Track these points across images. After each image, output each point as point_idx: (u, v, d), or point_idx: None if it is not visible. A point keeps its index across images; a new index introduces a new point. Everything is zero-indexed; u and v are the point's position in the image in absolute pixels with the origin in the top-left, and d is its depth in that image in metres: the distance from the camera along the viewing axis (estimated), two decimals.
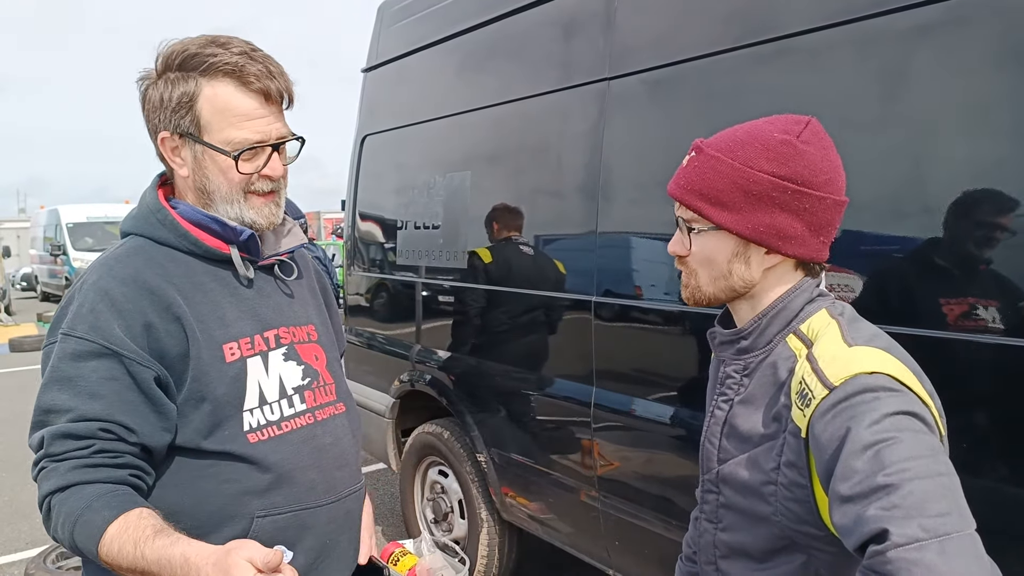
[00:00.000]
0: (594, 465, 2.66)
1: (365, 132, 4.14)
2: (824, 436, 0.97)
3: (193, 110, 1.26)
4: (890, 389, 0.96)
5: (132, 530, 1.15)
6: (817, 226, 1.11)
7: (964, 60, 1.70)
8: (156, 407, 1.23)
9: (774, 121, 1.14)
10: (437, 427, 3.58)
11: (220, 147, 1.27)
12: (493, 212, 3.14)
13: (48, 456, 1.19)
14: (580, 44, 2.74)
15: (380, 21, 4.10)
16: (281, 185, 1.36)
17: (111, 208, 19.61)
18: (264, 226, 1.35)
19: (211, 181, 1.30)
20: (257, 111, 1.27)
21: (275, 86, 1.28)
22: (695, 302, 1.20)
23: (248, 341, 1.32)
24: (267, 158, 1.30)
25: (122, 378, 1.21)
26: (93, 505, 1.16)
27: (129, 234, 1.35)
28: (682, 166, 1.17)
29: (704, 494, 1.25)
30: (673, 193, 1.18)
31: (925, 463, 0.89)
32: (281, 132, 1.31)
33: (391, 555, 3.38)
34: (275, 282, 1.42)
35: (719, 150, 1.12)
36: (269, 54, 1.31)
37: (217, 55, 1.24)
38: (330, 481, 1.38)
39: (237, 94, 1.26)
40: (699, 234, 1.15)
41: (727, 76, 2.20)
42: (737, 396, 1.18)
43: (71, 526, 1.16)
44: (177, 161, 1.31)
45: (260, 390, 1.32)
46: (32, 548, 4.24)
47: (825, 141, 1.13)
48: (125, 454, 1.21)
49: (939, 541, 0.82)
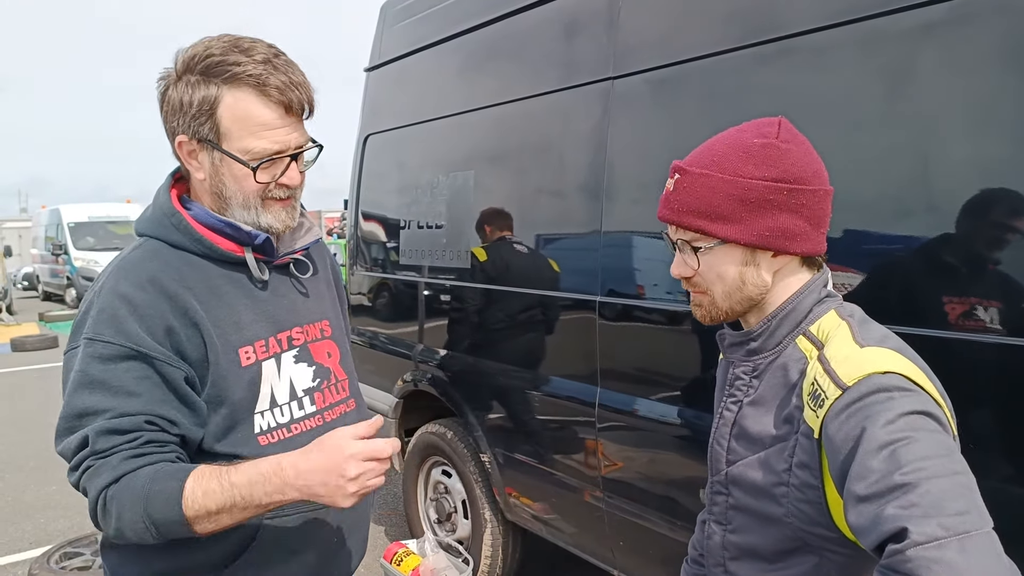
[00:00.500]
0: (598, 465, 2.65)
1: (368, 131, 4.13)
2: (838, 436, 0.97)
3: (213, 117, 1.25)
4: (904, 389, 0.96)
5: (210, 474, 1.15)
6: (815, 219, 1.12)
7: (968, 59, 1.69)
8: (188, 404, 1.24)
9: (745, 129, 1.15)
10: (440, 427, 3.58)
11: (238, 156, 1.26)
12: (483, 215, 3.16)
13: (95, 454, 1.17)
14: (584, 43, 2.74)
15: (383, 20, 4.10)
16: (298, 192, 1.36)
17: (113, 207, 19.62)
18: (280, 230, 1.35)
19: (228, 187, 1.29)
20: (277, 122, 1.26)
21: (296, 97, 1.27)
22: (712, 320, 1.20)
23: (263, 344, 1.33)
24: (285, 167, 1.30)
25: (154, 377, 1.21)
26: (157, 477, 1.15)
27: (144, 235, 1.35)
28: (668, 190, 1.17)
29: (713, 496, 1.25)
30: (667, 218, 1.18)
31: (942, 462, 0.89)
32: (300, 142, 1.31)
33: (394, 555, 3.38)
34: (290, 281, 1.43)
35: (704, 166, 1.13)
36: (292, 61, 1.30)
37: (240, 63, 1.23)
38: None
39: (258, 104, 1.25)
40: (705, 252, 1.15)
41: (731, 76, 2.20)
42: (747, 398, 1.18)
43: (143, 503, 1.14)
44: (194, 164, 1.31)
45: (272, 393, 1.32)
46: (36, 548, 4.25)
47: (800, 137, 1.14)
48: (171, 444, 1.22)
49: (959, 539, 0.82)
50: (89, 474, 1.18)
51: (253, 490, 1.13)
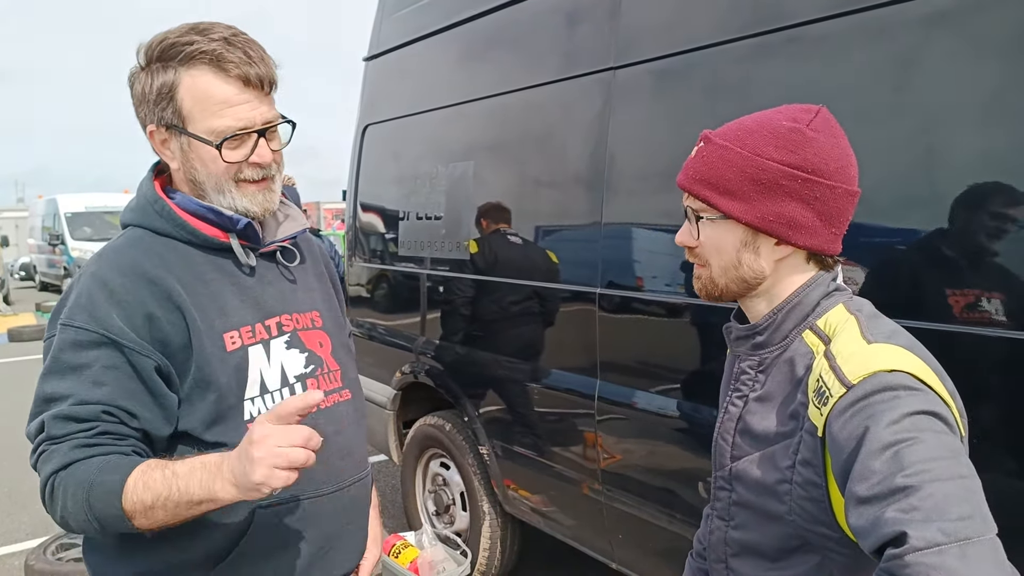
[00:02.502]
0: (597, 458, 2.64)
1: (366, 122, 4.11)
2: (842, 435, 0.95)
3: (174, 101, 1.24)
4: (910, 388, 0.94)
5: (156, 465, 1.13)
6: (828, 216, 1.08)
7: (976, 49, 1.67)
8: (157, 397, 1.22)
9: (783, 110, 1.12)
10: (439, 419, 3.57)
11: (204, 137, 1.24)
12: (482, 208, 3.15)
13: (49, 439, 1.16)
14: (585, 33, 2.71)
15: (382, 9, 4.07)
16: (273, 171, 1.33)
17: (110, 198, 19.54)
18: (259, 213, 1.32)
19: (199, 172, 1.27)
20: (237, 97, 1.24)
21: (255, 71, 1.24)
22: (708, 295, 1.18)
23: (249, 329, 1.31)
24: (254, 145, 1.27)
25: (123, 367, 1.19)
26: (105, 468, 1.13)
27: (128, 225, 1.33)
28: (691, 157, 1.16)
29: (716, 491, 1.23)
30: (682, 183, 1.16)
31: (946, 464, 0.87)
32: (267, 117, 1.28)
33: (392, 547, 3.37)
34: (277, 269, 1.41)
35: (727, 139, 1.10)
36: (252, 38, 1.27)
37: (195, 43, 1.21)
38: (333, 471, 1.37)
39: (216, 81, 1.23)
40: (707, 223, 1.13)
41: (735, 66, 2.17)
42: (752, 392, 1.16)
43: (85, 492, 1.12)
44: (167, 154, 1.29)
45: (262, 379, 1.30)
46: (32, 539, 4.24)
47: (836, 130, 1.11)
48: (128, 437, 1.19)
49: (959, 545, 0.80)
50: (43, 459, 1.17)
51: (191, 479, 1.10)
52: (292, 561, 1.33)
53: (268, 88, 1.28)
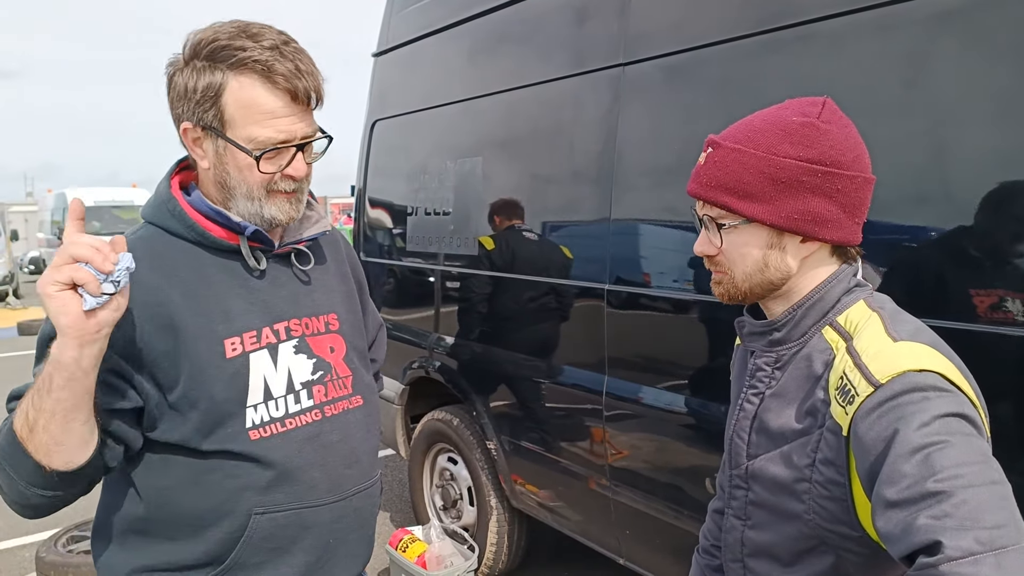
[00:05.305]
0: (605, 454, 2.65)
1: (375, 117, 4.11)
2: (869, 436, 0.93)
3: (218, 104, 1.22)
4: (940, 389, 0.92)
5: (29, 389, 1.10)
6: (851, 207, 1.07)
7: (990, 46, 1.66)
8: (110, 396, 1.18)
9: (788, 106, 1.10)
10: (447, 414, 3.58)
11: (242, 145, 1.23)
12: (493, 205, 3.15)
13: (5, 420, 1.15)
14: (594, 29, 2.71)
15: (391, 4, 4.07)
16: (304, 184, 1.32)
17: (119, 192, 19.59)
18: (283, 221, 1.31)
19: (231, 177, 1.26)
20: (283, 110, 1.23)
21: (303, 85, 1.23)
22: (730, 299, 1.16)
23: (254, 335, 1.29)
24: (291, 158, 1.26)
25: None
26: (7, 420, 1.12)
27: (146, 221, 1.33)
28: (699, 164, 1.13)
29: (732, 490, 1.21)
30: (695, 192, 1.13)
31: (978, 469, 0.85)
32: (306, 132, 1.27)
33: (400, 542, 3.38)
34: (291, 271, 1.38)
35: (738, 141, 1.08)
36: (302, 48, 1.26)
37: (247, 48, 1.20)
38: (335, 479, 1.34)
39: (263, 91, 1.21)
40: (730, 230, 1.10)
41: (745, 62, 2.17)
42: (768, 389, 1.13)
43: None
44: (198, 152, 1.28)
45: (266, 385, 1.28)
46: (43, 531, 4.27)
47: (844, 119, 1.09)
48: None
49: (995, 555, 0.78)
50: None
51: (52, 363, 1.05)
52: (289, 570, 1.31)
53: (314, 103, 1.28)
